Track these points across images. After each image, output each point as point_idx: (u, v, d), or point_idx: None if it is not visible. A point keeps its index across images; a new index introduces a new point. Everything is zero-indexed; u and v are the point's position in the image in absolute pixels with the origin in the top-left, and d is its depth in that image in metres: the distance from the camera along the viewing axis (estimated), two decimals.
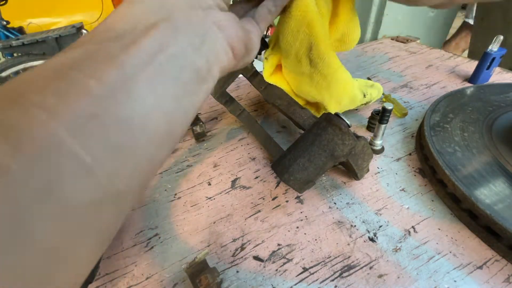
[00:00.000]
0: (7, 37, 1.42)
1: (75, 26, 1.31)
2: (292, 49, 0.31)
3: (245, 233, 0.27)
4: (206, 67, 0.16)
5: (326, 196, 0.30)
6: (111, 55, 0.13)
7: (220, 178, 0.33)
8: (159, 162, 0.15)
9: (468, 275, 0.23)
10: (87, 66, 0.12)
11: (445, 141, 0.31)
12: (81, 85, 0.12)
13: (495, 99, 0.37)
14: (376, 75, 0.52)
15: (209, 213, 0.29)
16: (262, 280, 0.24)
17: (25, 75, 0.12)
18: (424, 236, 0.26)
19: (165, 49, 0.14)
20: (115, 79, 0.12)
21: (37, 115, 0.10)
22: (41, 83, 0.11)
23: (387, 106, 0.31)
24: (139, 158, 0.13)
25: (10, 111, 0.10)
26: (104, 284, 0.24)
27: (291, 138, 0.38)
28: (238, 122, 0.42)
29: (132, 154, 0.13)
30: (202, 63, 0.16)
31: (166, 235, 0.28)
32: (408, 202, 0.29)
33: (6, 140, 0.09)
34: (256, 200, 0.30)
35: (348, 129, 0.25)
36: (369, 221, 0.27)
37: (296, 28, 0.29)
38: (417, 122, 0.39)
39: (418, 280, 0.23)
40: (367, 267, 0.24)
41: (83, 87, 0.12)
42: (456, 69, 0.51)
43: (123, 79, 0.13)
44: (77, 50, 0.13)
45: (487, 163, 0.28)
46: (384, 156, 0.34)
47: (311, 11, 0.28)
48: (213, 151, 0.37)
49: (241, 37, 0.19)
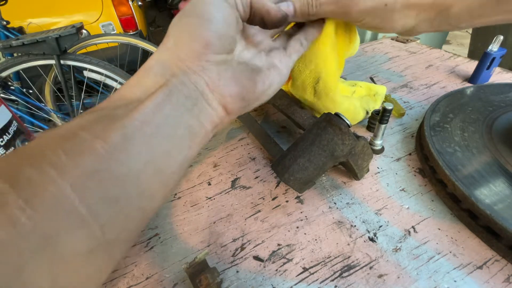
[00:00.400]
0: (7, 37, 1.42)
1: (75, 26, 1.30)
2: (300, 76, 0.32)
3: (245, 233, 0.27)
4: (198, 124, 0.18)
5: (326, 196, 0.30)
6: (117, 118, 0.15)
7: (220, 178, 0.33)
8: (151, 211, 0.16)
9: (468, 275, 0.23)
10: (96, 128, 0.14)
11: (445, 141, 0.31)
12: (88, 145, 0.14)
13: (495, 99, 0.37)
14: (376, 75, 0.52)
15: (209, 213, 0.29)
16: (262, 280, 0.24)
17: (49, 132, 0.15)
18: (424, 236, 0.26)
19: (160, 111, 0.16)
20: (118, 139, 0.14)
21: (48, 172, 0.12)
22: (57, 141, 0.14)
23: (387, 106, 0.31)
24: (131, 209, 0.15)
25: (28, 168, 0.12)
26: (104, 284, 0.24)
27: (291, 138, 0.38)
28: (238, 122, 0.42)
29: (124, 206, 0.15)
30: (194, 121, 0.18)
31: (166, 235, 0.28)
32: (408, 202, 0.29)
33: (20, 193, 0.12)
34: (256, 200, 0.30)
35: (348, 129, 0.25)
36: (369, 221, 0.27)
37: (309, 59, 0.30)
38: (417, 122, 0.39)
39: (418, 280, 0.23)
40: (367, 267, 0.24)
41: (89, 146, 0.14)
42: (456, 69, 0.51)
43: (124, 139, 0.15)
44: (93, 114, 0.15)
45: (487, 163, 0.28)
46: (384, 156, 0.34)
47: (329, 45, 0.29)
48: (213, 151, 0.37)
49: (237, 92, 0.20)
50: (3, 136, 0.30)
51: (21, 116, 1.51)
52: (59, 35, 1.23)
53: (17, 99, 1.51)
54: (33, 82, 1.55)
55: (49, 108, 1.57)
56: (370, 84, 0.40)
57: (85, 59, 1.36)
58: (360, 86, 0.39)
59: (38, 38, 1.22)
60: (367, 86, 0.40)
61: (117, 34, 1.63)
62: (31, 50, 1.26)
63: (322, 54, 0.29)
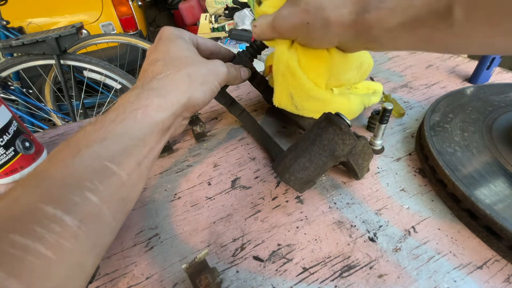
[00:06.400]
0: (7, 37, 1.42)
1: (75, 26, 1.30)
2: (276, 96, 0.34)
3: (245, 233, 0.27)
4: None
5: (326, 196, 0.30)
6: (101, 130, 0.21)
7: (220, 178, 0.33)
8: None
9: (468, 275, 0.23)
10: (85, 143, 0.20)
11: (445, 141, 0.31)
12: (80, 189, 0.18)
13: (495, 99, 0.37)
14: (376, 75, 0.52)
15: (209, 213, 0.29)
16: (262, 280, 0.24)
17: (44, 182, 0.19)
18: (424, 236, 0.26)
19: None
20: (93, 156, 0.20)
21: (90, 198, 0.18)
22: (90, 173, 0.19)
23: (387, 106, 0.31)
24: (131, 207, 0.22)
25: (72, 196, 0.18)
26: (104, 284, 0.24)
27: (291, 138, 0.38)
28: (238, 122, 0.42)
29: (129, 208, 0.22)
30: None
31: (166, 235, 0.28)
32: (408, 202, 0.29)
33: (75, 216, 0.17)
34: (256, 200, 0.30)
35: (348, 129, 0.25)
36: (369, 221, 0.27)
37: (280, 73, 0.31)
38: (417, 122, 0.39)
39: (418, 280, 0.23)
40: (367, 267, 0.24)
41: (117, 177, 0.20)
42: (456, 69, 0.51)
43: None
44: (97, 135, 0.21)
45: (487, 163, 0.28)
46: (384, 156, 0.34)
47: (282, 63, 0.30)
48: (213, 151, 0.37)
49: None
50: (3, 136, 0.30)
51: (21, 116, 1.51)
52: (59, 35, 1.23)
53: (17, 99, 1.51)
54: (33, 82, 1.55)
55: (49, 108, 1.57)
56: (367, 82, 0.40)
57: (85, 59, 1.36)
58: (355, 87, 0.39)
59: (38, 38, 1.22)
60: (364, 85, 0.40)
61: (117, 34, 1.63)
62: (31, 50, 1.26)
63: (285, 72, 0.31)
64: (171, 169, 0.35)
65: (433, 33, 0.21)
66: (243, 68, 0.34)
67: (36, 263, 0.15)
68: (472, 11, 0.18)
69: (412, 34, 0.22)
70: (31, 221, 0.16)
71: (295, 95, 0.31)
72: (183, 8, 2.80)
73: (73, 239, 0.16)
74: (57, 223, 0.16)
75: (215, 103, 0.47)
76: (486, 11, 0.18)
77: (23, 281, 0.14)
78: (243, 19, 1.80)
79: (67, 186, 0.17)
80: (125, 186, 0.20)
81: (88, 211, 0.17)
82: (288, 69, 0.30)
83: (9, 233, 0.15)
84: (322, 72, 0.31)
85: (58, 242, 0.16)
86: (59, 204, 0.16)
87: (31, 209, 0.16)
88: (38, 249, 0.15)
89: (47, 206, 0.16)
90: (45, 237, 0.15)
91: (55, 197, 0.17)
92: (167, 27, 0.29)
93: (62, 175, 0.18)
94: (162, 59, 0.26)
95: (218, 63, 0.29)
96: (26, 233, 0.15)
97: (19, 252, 0.14)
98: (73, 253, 0.16)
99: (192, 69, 0.26)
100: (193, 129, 0.38)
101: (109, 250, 0.26)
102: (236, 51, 0.36)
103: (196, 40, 0.31)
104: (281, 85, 0.32)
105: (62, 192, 0.17)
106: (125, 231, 0.28)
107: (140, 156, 0.21)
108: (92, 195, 0.18)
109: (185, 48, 0.28)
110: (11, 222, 0.15)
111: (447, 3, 0.19)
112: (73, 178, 0.18)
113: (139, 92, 0.24)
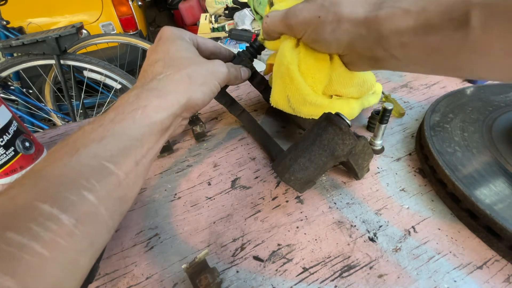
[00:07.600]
0: (7, 37, 1.42)
1: (75, 26, 1.30)
2: (273, 97, 0.34)
3: (245, 233, 0.27)
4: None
5: (326, 196, 0.30)
6: (104, 127, 0.21)
7: (220, 178, 0.33)
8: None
9: (468, 275, 0.23)
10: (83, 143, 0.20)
11: (445, 141, 0.31)
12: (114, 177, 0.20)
13: (495, 99, 0.37)
14: (376, 75, 0.52)
15: (209, 213, 0.29)
16: (262, 280, 0.24)
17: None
18: (424, 236, 0.26)
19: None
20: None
21: (88, 197, 0.18)
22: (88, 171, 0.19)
23: (387, 106, 0.31)
24: (129, 206, 0.22)
25: (69, 194, 0.18)
26: (104, 284, 0.24)
27: (291, 138, 0.38)
28: (238, 122, 0.42)
29: (126, 207, 0.22)
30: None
31: (166, 235, 0.28)
32: (408, 202, 0.29)
33: (72, 214, 0.17)
34: (256, 200, 0.30)
35: (348, 129, 0.25)
36: (369, 221, 0.27)
37: (280, 75, 0.31)
38: (417, 122, 0.39)
39: (418, 280, 0.23)
40: (367, 267, 0.24)
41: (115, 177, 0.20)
42: None
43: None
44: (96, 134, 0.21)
45: (487, 163, 0.28)
46: (384, 156, 0.34)
47: (283, 65, 0.30)
48: (213, 151, 0.37)
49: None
50: (3, 136, 0.30)
51: (21, 116, 1.51)
52: (59, 35, 1.23)
53: (17, 99, 1.51)
54: (33, 82, 1.55)
55: (49, 108, 1.57)
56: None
57: (85, 59, 1.36)
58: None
59: (38, 38, 1.22)
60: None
61: (117, 34, 1.63)
62: (31, 50, 1.26)
63: (285, 75, 0.31)
64: (171, 169, 0.35)
65: (446, 42, 0.20)
66: (243, 68, 0.34)
67: (31, 261, 0.15)
68: (490, 20, 0.17)
69: (423, 41, 0.22)
70: (27, 219, 0.16)
71: (292, 98, 0.31)
72: (183, 8, 2.80)
73: (69, 238, 0.16)
74: (53, 221, 0.16)
75: (215, 103, 0.47)
76: (506, 20, 0.17)
77: (18, 279, 0.14)
78: (243, 19, 1.80)
79: (64, 184, 0.18)
80: (122, 185, 0.20)
81: (85, 210, 0.17)
82: (287, 71, 0.30)
83: (5, 231, 0.15)
84: (320, 79, 0.31)
85: (54, 240, 0.16)
86: (55, 203, 0.16)
87: (28, 207, 0.16)
88: (34, 247, 0.15)
89: (44, 205, 0.16)
90: (41, 235, 0.15)
91: (51, 195, 0.17)
92: (167, 27, 0.29)
93: (59, 173, 0.18)
94: (162, 59, 0.26)
95: (218, 64, 0.29)
96: (22, 231, 0.15)
97: (14, 250, 0.14)
98: (69, 252, 0.16)
99: (192, 70, 0.26)
100: (193, 129, 0.38)
101: (109, 250, 0.27)
102: (236, 51, 0.36)
103: (196, 40, 0.31)
104: (279, 87, 0.32)
105: (58, 190, 0.17)
106: (125, 231, 0.28)
107: (138, 156, 0.21)
108: (89, 194, 0.18)
109: (185, 49, 0.28)
110: (7, 220, 0.16)
111: (464, 10, 0.18)
112: (70, 177, 0.18)
113: (138, 92, 0.24)
